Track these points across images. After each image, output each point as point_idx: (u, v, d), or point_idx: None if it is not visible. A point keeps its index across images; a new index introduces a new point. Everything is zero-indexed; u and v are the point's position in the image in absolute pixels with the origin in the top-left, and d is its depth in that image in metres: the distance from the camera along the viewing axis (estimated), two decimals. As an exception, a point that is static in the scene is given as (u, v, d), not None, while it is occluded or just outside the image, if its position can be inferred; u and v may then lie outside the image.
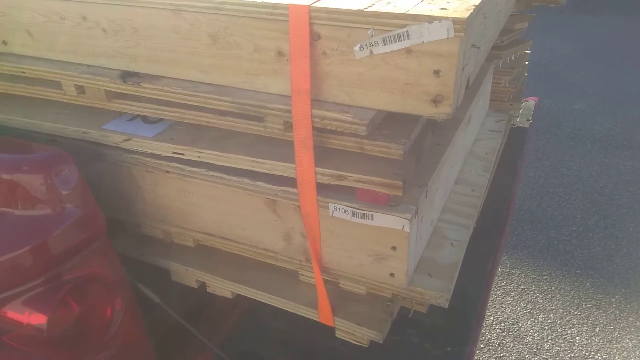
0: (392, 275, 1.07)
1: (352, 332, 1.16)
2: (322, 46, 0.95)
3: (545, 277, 3.07)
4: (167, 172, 1.20)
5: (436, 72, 0.88)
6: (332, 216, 1.06)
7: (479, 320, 1.57)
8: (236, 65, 1.06)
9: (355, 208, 1.02)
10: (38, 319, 1.05)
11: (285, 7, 0.95)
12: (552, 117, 4.83)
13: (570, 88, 5.41)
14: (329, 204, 1.05)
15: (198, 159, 1.15)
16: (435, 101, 0.91)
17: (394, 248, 1.03)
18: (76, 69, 1.23)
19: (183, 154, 1.15)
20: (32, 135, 1.32)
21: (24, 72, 1.30)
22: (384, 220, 1.00)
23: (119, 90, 1.18)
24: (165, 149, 1.16)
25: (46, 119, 1.29)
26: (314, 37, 0.95)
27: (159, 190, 1.25)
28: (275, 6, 0.96)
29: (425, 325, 1.52)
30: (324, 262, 1.15)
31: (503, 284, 3.04)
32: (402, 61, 0.90)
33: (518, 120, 2.49)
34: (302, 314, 1.22)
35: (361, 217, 1.03)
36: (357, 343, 1.17)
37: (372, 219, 1.02)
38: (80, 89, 1.23)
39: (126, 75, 1.17)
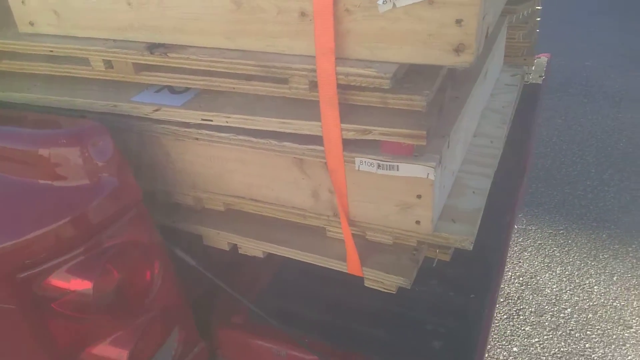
0: (418, 222, 1.13)
1: (380, 280, 1.22)
2: (345, 3, 0.98)
3: (561, 232, 3.12)
4: (197, 139, 1.25)
5: (458, 22, 0.91)
6: (359, 170, 1.11)
7: (499, 268, 1.63)
8: (260, 29, 1.09)
9: (381, 160, 1.07)
10: (84, 285, 1.11)
11: (306, -33, 0.98)
12: (563, 75, 4.80)
13: (580, 45, 5.35)
14: (355, 158, 1.10)
15: (226, 124, 1.19)
16: (458, 50, 0.94)
17: (419, 196, 1.08)
18: (103, 44, 1.27)
19: (211, 120, 1.20)
20: (63, 112, 1.37)
21: (52, 51, 1.34)
22: (409, 170, 1.05)
23: (147, 62, 1.23)
24: (194, 116, 1.21)
25: (76, 95, 1.34)
26: (336, -5, 0.98)
27: (188, 158, 1.31)
28: (296, -33, 0.99)
29: (448, 276, 1.58)
30: (351, 216, 1.20)
31: (520, 240, 3.10)
32: (425, 12, 0.93)
33: (531, 77, 2.50)
34: (331, 267, 1.28)
35: (387, 169, 1.07)
36: (386, 290, 1.23)
37: (398, 170, 1.06)
38: (108, 64, 1.28)
39: (153, 47, 1.21)
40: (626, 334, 2.47)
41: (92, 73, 1.32)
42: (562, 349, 2.44)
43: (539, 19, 2.25)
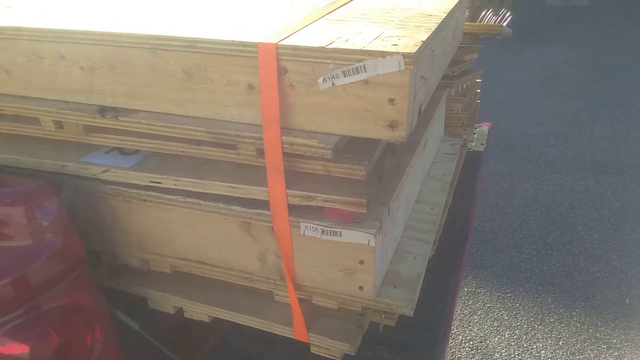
0: (361, 288, 1.15)
1: (325, 346, 1.23)
2: (289, 79, 1.05)
3: (509, 295, 3.20)
4: (145, 200, 1.26)
5: (391, 101, 0.99)
6: (304, 235, 1.14)
7: (445, 331, 1.66)
8: (210, 98, 1.14)
9: (325, 226, 1.11)
10: (20, 349, 1.07)
11: (255, 45, 1.04)
12: (507, 142, 5.08)
13: (523, 114, 5.70)
14: (301, 223, 1.13)
15: (175, 187, 1.21)
16: (392, 126, 1.01)
17: (361, 262, 1.12)
18: (54, 105, 1.29)
19: (160, 183, 1.22)
20: (10, 170, 1.35)
21: (2, 110, 1.35)
22: (351, 236, 1.09)
23: (97, 124, 1.25)
24: (143, 178, 1.23)
25: (24, 154, 1.34)
26: (281, 71, 1.05)
27: (136, 219, 1.31)
28: (245, 44, 1.05)
29: (395, 341, 1.60)
30: (297, 280, 1.22)
31: (470, 303, 3.15)
32: (361, 91, 1.01)
33: (473, 144, 2.64)
34: (277, 332, 1.28)
35: (330, 235, 1.11)
36: (331, 357, 1.24)
37: (341, 236, 1.10)
38: (59, 124, 1.29)
39: (104, 110, 1.23)
40: (572, 400, 2.51)
41: (42, 132, 1.33)
42: (511, 415, 2.44)
43: (479, 90, 2.42)
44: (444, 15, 1.25)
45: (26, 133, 1.37)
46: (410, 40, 1.01)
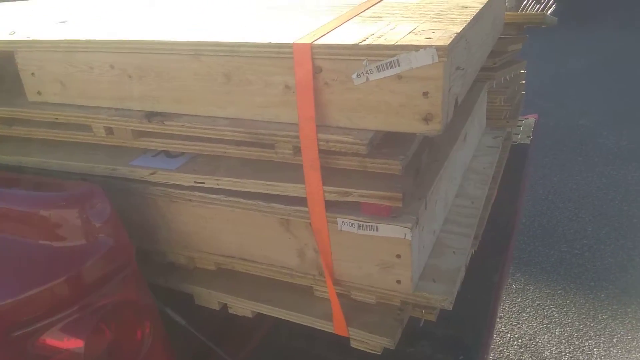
0: (398, 282, 1.16)
1: (365, 340, 1.24)
2: (324, 77, 1.07)
3: (559, 292, 3.11)
4: (190, 200, 1.31)
5: (425, 94, 1.00)
6: (341, 230, 1.16)
7: (489, 328, 1.64)
8: (249, 99, 1.18)
9: (361, 221, 1.12)
10: (76, 344, 1.14)
11: (290, 46, 1.07)
12: (557, 134, 4.92)
13: (573, 104, 5.51)
14: (337, 219, 1.15)
15: (217, 187, 1.26)
16: (426, 119, 1.02)
17: (398, 256, 1.13)
18: (105, 113, 1.36)
19: (204, 183, 1.27)
20: (63, 175, 1.44)
21: (57, 118, 1.44)
22: (387, 230, 1.10)
23: (145, 129, 1.31)
24: (188, 179, 1.28)
25: (78, 160, 1.42)
26: (316, 70, 1.07)
27: (182, 218, 1.37)
28: (281, 46, 1.09)
29: (437, 337, 1.59)
30: (335, 275, 1.24)
31: (518, 300, 3.08)
32: (395, 86, 1.01)
33: (519, 137, 2.58)
34: (318, 327, 1.30)
35: (367, 229, 1.12)
36: (371, 351, 1.25)
37: (377, 230, 1.11)
38: (109, 130, 1.36)
39: (151, 115, 1.30)
40: (629, 399, 2.42)
41: (94, 139, 1.41)
42: (563, 415, 2.38)
43: (523, 82, 2.36)
44: (480, 7, 1.24)
45: (79, 140, 1.45)
46: (444, 33, 1.01)
